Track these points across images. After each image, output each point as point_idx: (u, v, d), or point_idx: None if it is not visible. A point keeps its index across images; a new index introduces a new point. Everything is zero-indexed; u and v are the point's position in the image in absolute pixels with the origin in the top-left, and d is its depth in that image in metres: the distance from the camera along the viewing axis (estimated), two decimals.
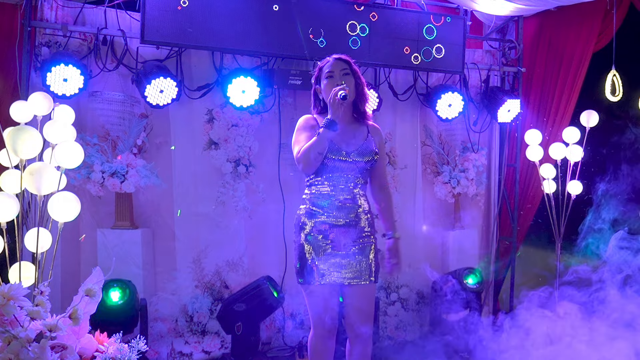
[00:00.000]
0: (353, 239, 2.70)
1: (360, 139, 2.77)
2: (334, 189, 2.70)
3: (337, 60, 2.75)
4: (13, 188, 2.32)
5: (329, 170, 2.70)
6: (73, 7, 3.71)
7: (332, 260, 2.67)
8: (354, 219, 2.71)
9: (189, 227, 4.03)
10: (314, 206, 2.72)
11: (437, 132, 4.74)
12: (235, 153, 4.06)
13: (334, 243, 2.68)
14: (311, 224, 2.70)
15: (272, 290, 3.88)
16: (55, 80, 3.39)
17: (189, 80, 3.95)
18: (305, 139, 2.70)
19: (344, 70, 2.72)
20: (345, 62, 2.75)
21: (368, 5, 4.08)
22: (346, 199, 2.70)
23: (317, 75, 2.80)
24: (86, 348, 2.29)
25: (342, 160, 2.69)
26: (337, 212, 2.68)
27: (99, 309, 2.32)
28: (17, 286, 2.09)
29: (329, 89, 2.68)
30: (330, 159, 2.68)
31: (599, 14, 4.40)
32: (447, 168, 4.60)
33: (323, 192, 2.71)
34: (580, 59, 4.52)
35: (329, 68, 2.73)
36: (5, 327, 2.04)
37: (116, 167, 3.69)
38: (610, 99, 4.20)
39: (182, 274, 4.02)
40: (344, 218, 2.69)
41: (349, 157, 2.70)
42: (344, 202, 2.69)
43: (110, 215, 3.84)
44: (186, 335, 3.99)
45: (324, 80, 2.74)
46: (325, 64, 2.77)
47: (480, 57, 4.84)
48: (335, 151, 2.68)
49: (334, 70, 2.72)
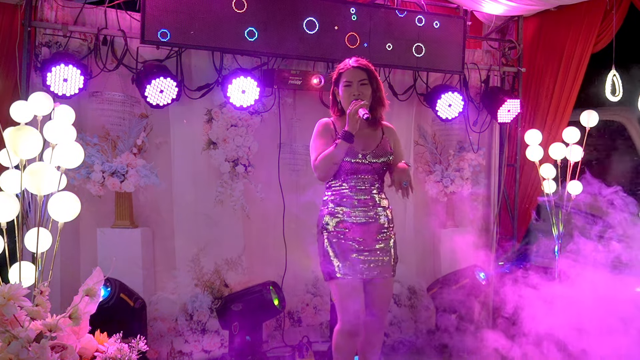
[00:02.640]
0: (374, 236, 2.85)
1: (376, 141, 2.90)
2: (353, 190, 2.85)
3: (356, 69, 2.83)
4: (13, 188, 2.32)
5: (346, 172, 2.85)
6: (73, 7, 3.71)
7: (355, 256, 2.81)
8: (374, 216, 2.86)
9: (188, 227, 4.03)
10: (335, 206, 2.87)
11: (431, 132, 4.75)
12: (234, 153, 4.06)
13: (356, 241, 2.82)
14: (333, 224, 2.85)
15: (274, 298, 3.87)
16: (55, 80, 3.39)
17: (188, 80, 3.95)
18: (322, 146, 2.84)
19: (362, 81, 2.82)
20: (365, 70, 2.83)
21: (368, 5, 4.08)
22: (365, 199, 2.86)
23: (336, 78, 2.89)
24: (86, 348, 2.29)
25: (359, 162, 2.84)
26: (357, 212, 2.84)
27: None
28: (17, 286, 2.09)
29: (346, 98, 2.82)
30: (347, 162, 2.82)
31: (599, 14, 4.40)
32: (440, 167, 4.64)
33: (343, 193, 2.87)
34: (580, 58, 4.52)
35: (346, 77, 2.82)
36: (5, 327, 2.04)
37: (116, 167, 3.70)
38: (610, 99, 4.20)
39: (181, 272, 4.02)
40: (364, 217, 2.85)
41: (365, 159, 2.84)
42: (364, 202, 2.85)
43: (110, 215, 3.84)
44: (186, 334, 3.99)
45: (342, 87, 2.85)
46: (344, 70, 2.86)
47: (480, 57, 4.84)
48: (353, 154, 2.81)
49: (352, 81, 2.82)
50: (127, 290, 3.55)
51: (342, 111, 2.89)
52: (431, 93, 4.45)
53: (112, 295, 3.42)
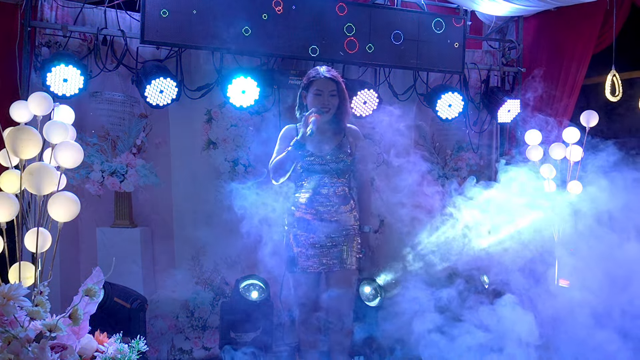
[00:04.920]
0: (334, 232, 3.03)
1: (336, 143, 3.05)
2: (314, 190, 3.03)
3: (328, 80, 2.99)
4: (13, 188, 2.32)
5: (307, 173, 3.05)
6: (73, 7, 3.71)
7: (312, 251, 3.02)
8: (334, 214, 3.04)
9: (187, 226, 4.04)
10: (297, 204, 3.07)
11: (431, 132, 4.75)
12: (234, 153, 4.06)
13: (315, 236, 3.02)
14: (294, 220, 3.07)
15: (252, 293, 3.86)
16: (55, 80, 3.39)
17: (188, 80, 3.95)
18: (280, 151, 3.02)
19: (332, 91, 3.00)
20: (335, 82, 3.00)
21: (368, 6, 4.08)
22: (325, 199, 3.03)
23: (306, 84, 3.03)
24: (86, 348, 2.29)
25: (317, 164, 3.01)
26: (318, 209, 3.02)
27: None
28: (17, 286, 2.09)
29: (314, 105, 2.98)
30: (307, 163, 3.01)
31: (600, 15, 4.39)
32: (436, 167, 4.69)
33: (305, 193, 3.06)
34: (580, 59, 4.51)
35: (318, 86, 2.98)
36: (5, 327, 2.04)
37: (116, 167, 3.70)
38: (610, 99, 4.20)
39: (181, 271, 4.04)
40: (325, 214, 3.02)
41: (323, 160, 3.02)
42: (324, 201, 3.02)
43: (110, 214, 3.85)
44: (186, 331, 4.01)
45: (311, 94, 3.00)
46: (315, 78, 2.99)
47: (480, 57, 4.84)
48: (311, 155, 3.00)
49: (323, 90, 2.98)
50: (123, 292, 3.54)
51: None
52: (431, 93, 4.45)
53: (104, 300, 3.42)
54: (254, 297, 3.75)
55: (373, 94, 4.13)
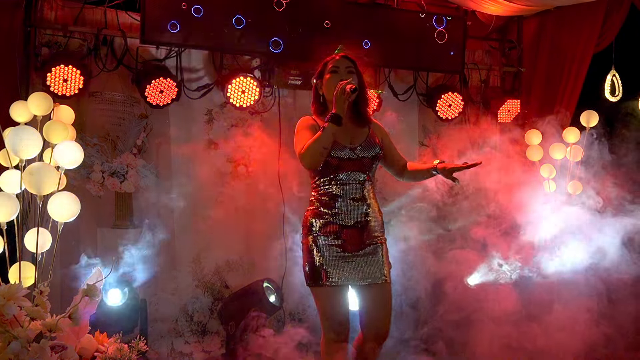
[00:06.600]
0: (363, 240, 2.60)
1: (364, 135, 2.68)
2: (342, 189, 2.60)
3: (344, 58, 2.70)
4: (13, 188, 2.32)
5: (335, 169, 2.60)
6: (73, 7, 3.71)
7: (341, 262, 2.57)
8: (364, 219, 2.61)
9: (188, 227, 4.03)
10: (322, 207, 2.61)
11: (435, 132, 4.74)
12: (235, 153, 4.06)
13: (344, 244, 2.58)
14: (319, 225, 2.60)
15: (269, 295, 3.85)
16: (55, 80, 3.39)
17: (188, 80, 3.95)
18: (308, 137, 2.57)
19: (349, 67, 2.67)
20: (352, 60, 2.70)
21: (368, 5, 4.08)
22: (356, 199, 2.61)
23: (320, 70, 2.73)
24: (86, 348, 2.29)
25: (347, 157, 2.59)
26: (347, 213, 2.59)
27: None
28: (17, 286, 2.09)
29: (331, 83, 2.60)
30: (335, 158, 2.57)
31: (600, 15, 4.39)
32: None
33: (330, 193, 2.61)
34: (580, 59, 4.51)
35: (334, 63, 2.68)
36: (5, 327, 2.04)
37: (116, 167, 3.70)
38: (610, 99, 4.20)
39: (181, 273, 4.02)
40: (354, 219, 2.59)
41: (354, 154, 2.60)
42: (354, 202, 2.60)
43: (110, 215, 3.84)
44: (186, 334, 3.99)
45: (327, 74, 2.67)
46: (330, 59, 2.71)
47: (480, 57, 4.83)
48: (340, 148, 2.57)
49: (339, 66, 2.66)
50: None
51: (325, 107, 2.71)
52: (431, 93, 4.45)
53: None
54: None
55: (373, 94, 4.13)
